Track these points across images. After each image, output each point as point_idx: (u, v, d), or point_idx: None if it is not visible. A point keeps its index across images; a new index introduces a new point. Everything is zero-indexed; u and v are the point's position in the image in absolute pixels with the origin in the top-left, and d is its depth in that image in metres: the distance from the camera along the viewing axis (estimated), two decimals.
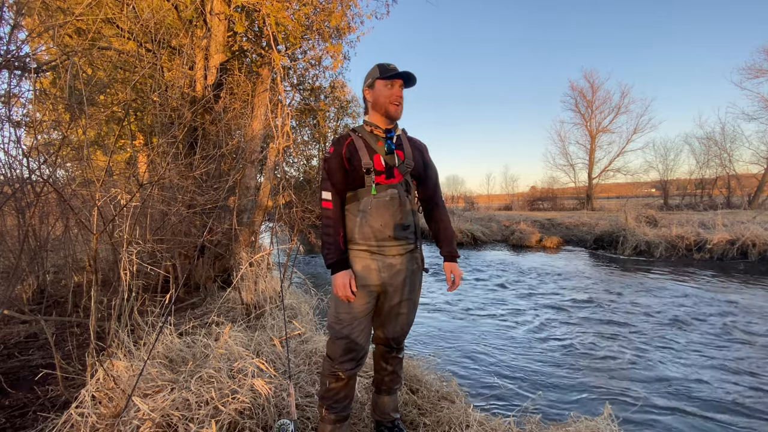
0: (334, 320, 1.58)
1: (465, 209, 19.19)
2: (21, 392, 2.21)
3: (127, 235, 2.55)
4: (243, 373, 1.92)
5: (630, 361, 3.33)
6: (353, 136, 1.61)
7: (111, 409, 1.69)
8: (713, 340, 3.81)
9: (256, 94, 4.83)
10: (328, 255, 1.54)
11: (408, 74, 1.57)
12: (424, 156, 1.73)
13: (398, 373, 1.80)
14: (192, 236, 4.16)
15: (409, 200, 1.61)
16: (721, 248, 8.28)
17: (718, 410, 2.58)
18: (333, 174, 1.57)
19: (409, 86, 1.63)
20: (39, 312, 3.25)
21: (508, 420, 1.92)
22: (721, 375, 3.06)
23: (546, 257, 9.61)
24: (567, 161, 27.11)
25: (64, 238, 3.87)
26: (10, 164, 2.94)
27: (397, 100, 1.57)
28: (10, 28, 2.68)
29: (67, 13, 3.58)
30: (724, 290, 5.76)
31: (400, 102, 1.59)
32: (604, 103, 25.32)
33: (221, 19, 4.78)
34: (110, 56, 4.48)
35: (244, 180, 4.87)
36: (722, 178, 20.18)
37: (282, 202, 4.52)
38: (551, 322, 4.44)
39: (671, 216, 11.71)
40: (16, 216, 3.22)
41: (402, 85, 1.60)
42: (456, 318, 4.65)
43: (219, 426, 1.62)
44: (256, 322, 2.99)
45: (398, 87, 1.58)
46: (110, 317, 2.23)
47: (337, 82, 8.70)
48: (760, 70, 18.55)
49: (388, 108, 1.57)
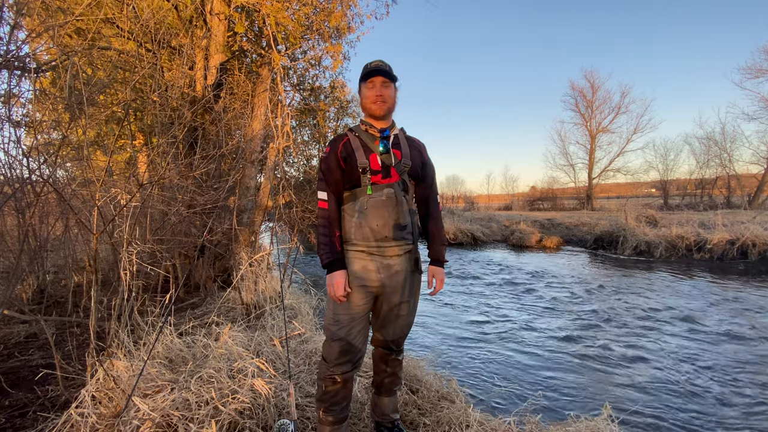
0: (332, 321, 1.57)
1: (465, 209, 19.16)
2: (21, 392, 2.21)
3: (127, 235, 2.55)
4: (243, 373, 1.92)
5: (630, 361, 3.33)
6: (350, 136, 1.60)
7: (111, 409, 1.69)
8: (714, 340, 3.80)
9: (256, 94, 4.82)
10: (324, 255, 1.54)
11: (379, 70, 1.55)
12: (423, 155, 1.71)
13: (398, 375, 1.80)
14: (192, 236, 4.16)
15: (406, 200, 1.59)
16: (721, 248, 8.28)
17: (718, 410, 2.58)
18: (329, 174, 1.57)
19: (391, 79, 1.60)
20: (39, 312, 3.25)
21: (508, 420, 1.91)
22: (721, 375, 3.06)
23: (546, 257, 9.60)
24: (567, 161, 27.17)
25: (64, 238, 3.87)
26: (10, 164, 2.95)
27: (377, 98, 1.56)
28: (10, 28, 2.68)
29: (67, 13, 3.58)
30: (724, 290, 5.76)
31: (383, 99, 1.56)
32: (605, 102, 25.40)
33: (221, 19, 4.78)
34: (110, 56, 4.47)
35: (244, 180, 4.87)
36: (722, 178, 20.19)
37: (282, 202, 4.52)
38: (551, 322, 4.44)
39: (671, 216, 11.71)
40: (16, 216, 3.22)
41: (384, 81, 1.58)
42: (455, 318, 4.65)
43: (219, 426, 1.62)
44: (256, 322, 2.99)
45: (380, 85, 1.57)
46: (110, 317, 2.23)
47: (337, 82, 8.70)
48: (761, 69, 18.61)
49: (371, 108, 1.57)
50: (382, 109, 1.57)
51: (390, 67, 1.59)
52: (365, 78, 1.57)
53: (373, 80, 1.57)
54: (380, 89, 1.56)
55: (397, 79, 1.63)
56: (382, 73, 1.56)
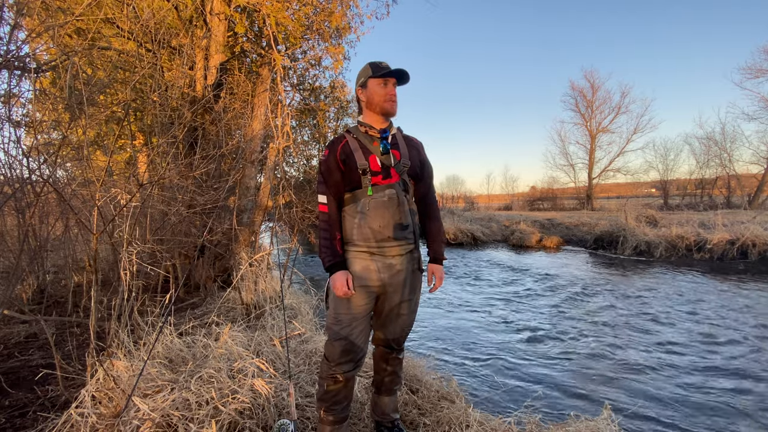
0: (333, 321, 1.58)
1: (465, 209, 19.17)
2: (21, 392, 2.21)
3: (127, 235, 2.55)
4: (243, 373, 1.92)
5: (630, 361, 3.33)
6: (348, 138, 1.60)
7: (111, 409, 1.69)
8: (714, 339, 3.80)
9: (256, 94, 4.82)
10: (326, 258, 1.54)
11: (401, 72, 1.57)
12: (421, 154, 1.72)
13: (398, 374, 1.80)
14: (192, 236, 4.16)
15: (407, 200, 1.60)
16: (721, 248, 8.28)
17: (718, 410, 2.58)
18: (329, 176, 1.57)
19: (402, 83, 1.63)
20: (39, 312, 3.25)
21: (508, 420, 1.91)
22: (721, 375, 3.06)
23: (546, 257, 9.60)
24: (567, 161, 27.17)
25: (64, 238, 3.87)
26: (10, 164, 2.95)
27: (392, 98, 1.58)
28: (10, 28, 2.68)
29: (67, 13, 3.58)
30: (725, 290, 5.76)
31: (395, 99, 1.60)
32: (605, 102, 25.39)
33: (221, 19, 4.78)
34: (110, 56, 4.47)
35: (244, 180, 4.87)
36: (722, 178, 20.19)
37: (282, 202, 4.52)
38: (551, 322, 4.44)
39: (671, 216, 11.71)
40: (16, 216, 3.22)
41: (395, 83, 1.61)
42: (455, 318, 4.65)
43: (219, 426, 1.62)
44: (256, 322, 2.99)
45: (392, 85, 1.59)
46: (110, 317, 2.23)
47: (337, 82, 8.70)
48: (760, 69, 18.59)
49: (384, 106, 1.57)
50: (395, 108, 1.60)
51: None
52: (380, 75, 1.56)
53: (388, 80, 1.58)
54: (393, 89, 1.59)
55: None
56: (399, 76, 1.59)
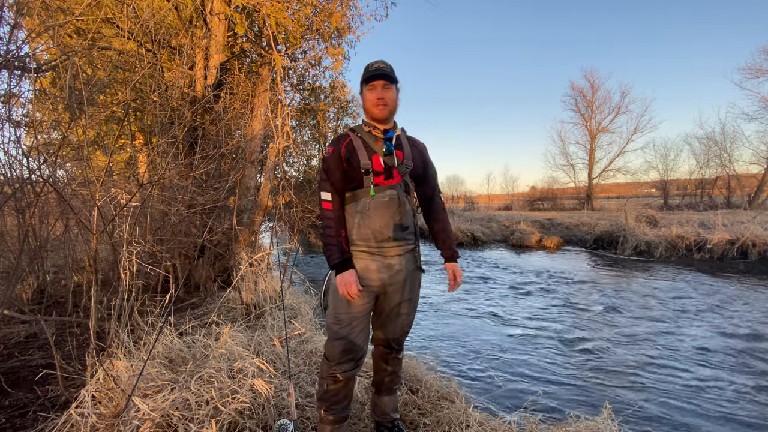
0: (333, 320, 1.58)
1: (465, 209, 19.17)
2: (21, 392, 2.21)
3: (127, 235, 2.55)
4: (243, 373, 1.92)
5: (630, 361, 3.33)
6: (352, 136, 1.60)
7: (111, 409, 1.69)
8: (713, 339, 3.80)
9: (256, 94, 4.82)
10: (331, 256, 1.52)
11: (380, 73, 1.53)
12: (424, 156, 1.71)
13: (398, 374, 1.80)
14: (192, 236, 4.16)
15: (408, 201, 1.60)
16: (721, 248, 8.28)
17: (718, 410, 2.58)
18: (332, 174, 1.56)
19: (392, 81, 1.58)
20: (39, 312, 3.25)
21: (508, 420, 1.91)
22: (721, 375, 3.06)
23: (546, 257, 9.60)
24: (567, 161, 27.18)
25: (64, 238, 3.87)
26: (10, 164, 2.95)
27: (379, 102, 1.55)
28: (10, 28, 2.68)
29: (67, 13, 3.58)
30: (725, 290, 5.76)
31: (385, 102, 1.55)
32: (605, 102, 25.41)
33: (221, 19, 4.78)
34: (110, 56, 4.47)
35: (244, 180, 4.87)
36: (722, 178, 20.20)
37: (282, 202, 4.53)
38: (551, 321, 4.44)
39: (671, 216, 11.71)
40: (16, 216, 3.22)
41: (385, 84, 1.56)
42: (456, 318, 4.65)
43: (219, 426, 1.62)
44: (256, 322, 2.99)
45: (380, 88, 1.56)
46: (110, 317, 2.23)
47: (337, 82, 8.69)
48: (761, 69, 18.60)
49: (373, 111, 1.57)
50: (384, 112, 1.56)
51: (391, 69, 1.58)
52: (366, 81, 1.56)
53: (374, 83, 1.56)
54: (381, 92, 1.55)
55: (398, 81, 1.62)
56: (382, 77, 1.55)
